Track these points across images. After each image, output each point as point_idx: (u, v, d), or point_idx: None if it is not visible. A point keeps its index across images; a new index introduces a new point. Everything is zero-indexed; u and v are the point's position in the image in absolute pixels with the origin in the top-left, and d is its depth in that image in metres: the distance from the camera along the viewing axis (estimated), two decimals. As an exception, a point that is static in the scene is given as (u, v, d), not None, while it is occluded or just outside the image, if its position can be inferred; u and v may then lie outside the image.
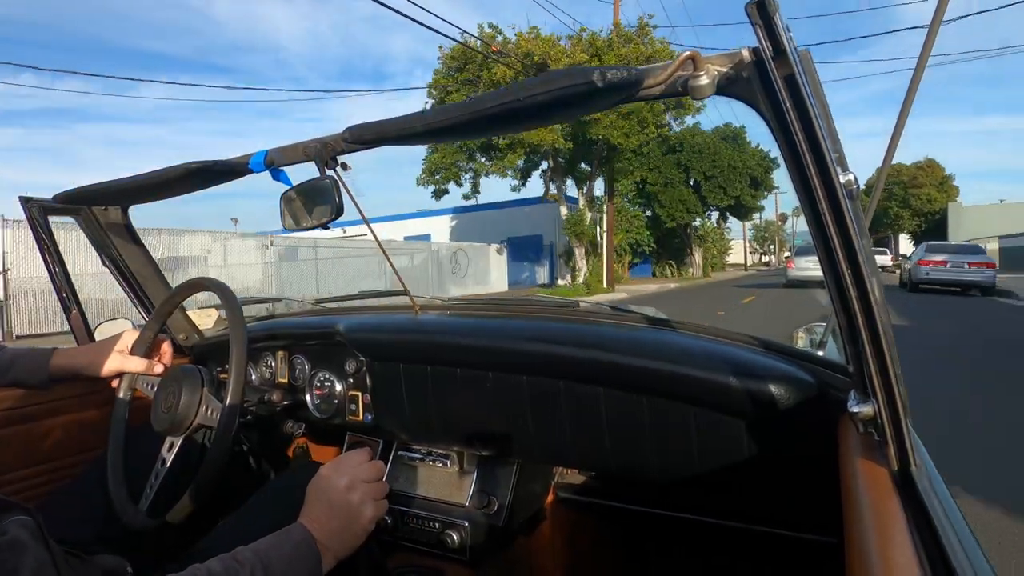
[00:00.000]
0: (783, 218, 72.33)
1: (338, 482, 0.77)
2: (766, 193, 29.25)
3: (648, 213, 27.01)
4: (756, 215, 32.53)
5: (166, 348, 1.18)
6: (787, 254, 23.40)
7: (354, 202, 1.03)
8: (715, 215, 31.06)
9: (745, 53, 0.51)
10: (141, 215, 1.32)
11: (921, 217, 38.72)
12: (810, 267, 16.16)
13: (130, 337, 1.15)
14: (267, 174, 0.89)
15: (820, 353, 1.04)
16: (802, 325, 1.47)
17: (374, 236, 1.24)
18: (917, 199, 38.24)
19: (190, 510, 0.93)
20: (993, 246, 27.84)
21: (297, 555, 0.69)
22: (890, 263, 28.31)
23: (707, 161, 26.13)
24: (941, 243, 16.85)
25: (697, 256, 29.98)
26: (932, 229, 36.40)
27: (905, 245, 41.89)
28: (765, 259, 73.61)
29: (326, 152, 0.82)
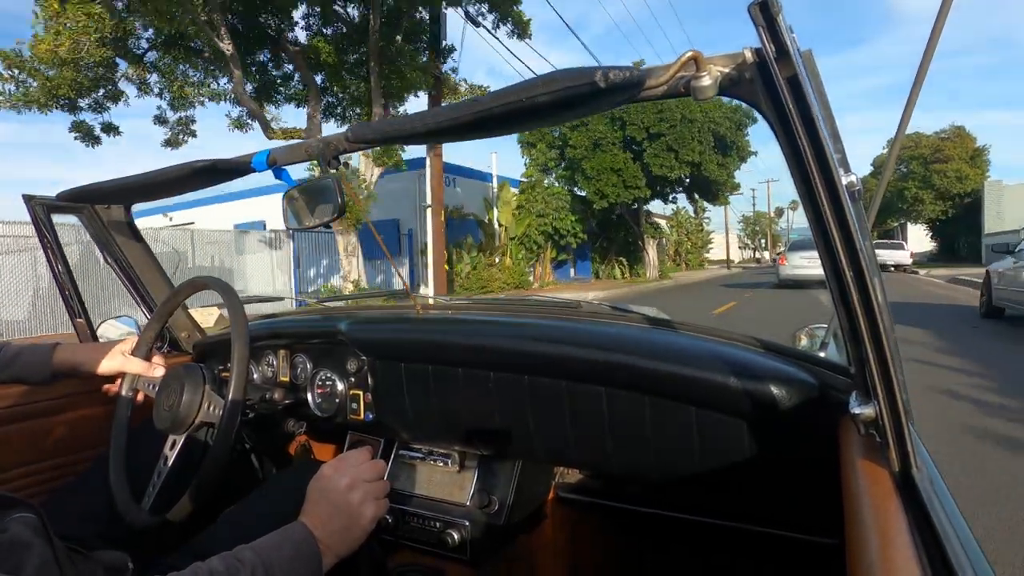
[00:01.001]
0: (779, 212, 67.00)
1: (339, 482, 0.77)
2: (739, 161, 20.88)
3: (579, 191, 19.68)
4: (732, 195, 24.75)
5: (158, 359, 1.17)
6: (780, 249, 18.75)
7: (355, 200, 1.03)
8: (680, 198, 23.69)
9: (748, 54, 0.51)
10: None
11: (948, 200, 29.75)
12: (805, 264, 14.11)
13: (133, 339, 1.16)
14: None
15: (821, 354, 1.04)
16: (803, 326, 1.47)
17: (374, 235, 1.24)
18: (942, 177, 29.05)
19: (191, 508, 0.93)
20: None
21: (298, 555, 0.69)
22: (909, 261, 22.18)
23: (650, 112, 17.87)
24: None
25: (651, 251, 22.55)
26: (963, 216, 28.75)
27: (916, 237, 34.40)
28: (757, 255, 67.11)
29: (328, 151, 0.82)
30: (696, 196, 23.68)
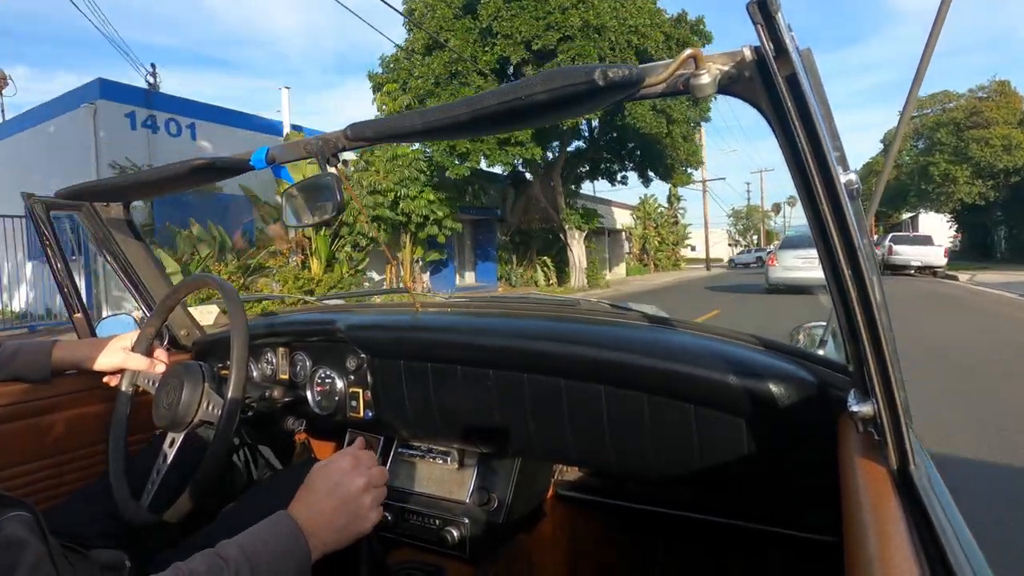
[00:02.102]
0: (776, 208, 61.96)
1: (356, 481, 0.74)
2: (692, 123, 14.89)
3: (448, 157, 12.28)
4: (709, 181, 20.64)
5: (161, 355, 1.18)
6: (771, 248, 15.36)
7: (355, 200, 1.03)
8: (643, 181, 16.56)
9: (747, 52, 0.51)
10: None
11: (989, 179, 22.10)
12: (800, 265, 11.54)
13: (132, 335, 1.16)
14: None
15: (820, 352, 1.04)
16: (802, 323, 1.47)
17: (375, 233, 1.24)
18: (983, 148, 21.45)
19: (190, 506, 0.93)
20: None
21: (285, 549, 0.66)
22: (942, 261, 17.08)
23: (529, 18, 11.61)
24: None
25: (577, 248, 15.62)
26: (1009, 200, 22.03)
27: (931, 229, 24.91)
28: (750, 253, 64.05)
29: (327, 149, 0.82)
30: (650, 173, 16.13)
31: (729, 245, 60.42)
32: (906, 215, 34.04)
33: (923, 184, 24.87)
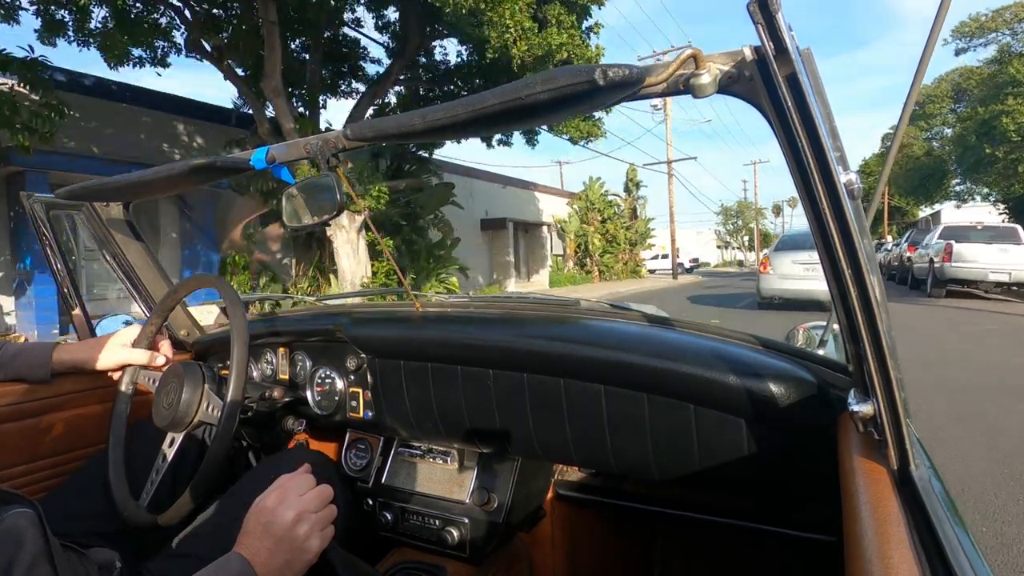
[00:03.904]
0: (776, 210, 54.49)
1: (285, 515, 0.72)
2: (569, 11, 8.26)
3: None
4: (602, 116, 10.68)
5: (165, 345, 1.18)
6: (765, 251, 10.74)
7: (355, 199, 1.03)
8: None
9: (747, 52, 0.51)
10: None
11: None
12: (800, 273, 8.68)
13: (132, 332, 1.16)
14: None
15: (820, 352, 1.04)
16: (802, 324, 1.47)
17: (375, 233, 1.24)
18: None
19: (190, 507, 0.93)
20: None
21: None
22: None
23: None
24: None
25: (345, 253, 8.98)
26: None
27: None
28: (739, 257, 54.80)
29: (327, 149, 0.82)
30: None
31: (718, 247, 54.99)
32: (926, 211, 26.95)
33: (983, 149, 16.58)
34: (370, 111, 10.19)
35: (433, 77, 11.49)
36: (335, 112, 33.65)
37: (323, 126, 10.05)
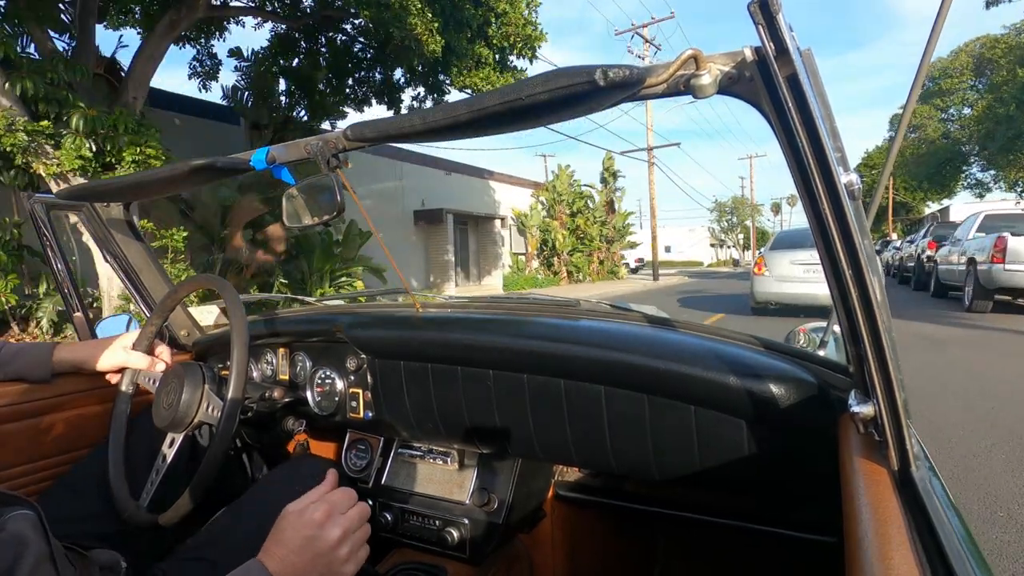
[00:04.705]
0: (776, 208, 53.06)
1: (331, 533, 0.67)
2: None
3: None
4: (522, 60, 8.85)
5: (164, 352, 1.18)
6: (761, 250, 9.31)
7: (355, 200, 1.04)
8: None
9: (747, 52, 0.51)
10: None
11: None
12: (799, 275, 7.75)
13: (132, 334, 1.16)
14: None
15: (820, 353, 1.04)
16: (802, 325, 1.47)
17: (374, 232, 1.24)
18: None
19: (189, 507, 0.93)
20: None
21: None
22: None
23: None
24: None
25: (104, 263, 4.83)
26: None
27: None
28: (735, 256, 51.11)
29: (328, 150, 0.82)
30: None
31: (712, 245, 50.89)
32: (932, 207, 24.04)
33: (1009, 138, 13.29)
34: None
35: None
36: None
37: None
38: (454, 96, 9.16)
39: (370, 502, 1.21)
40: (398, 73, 9.47)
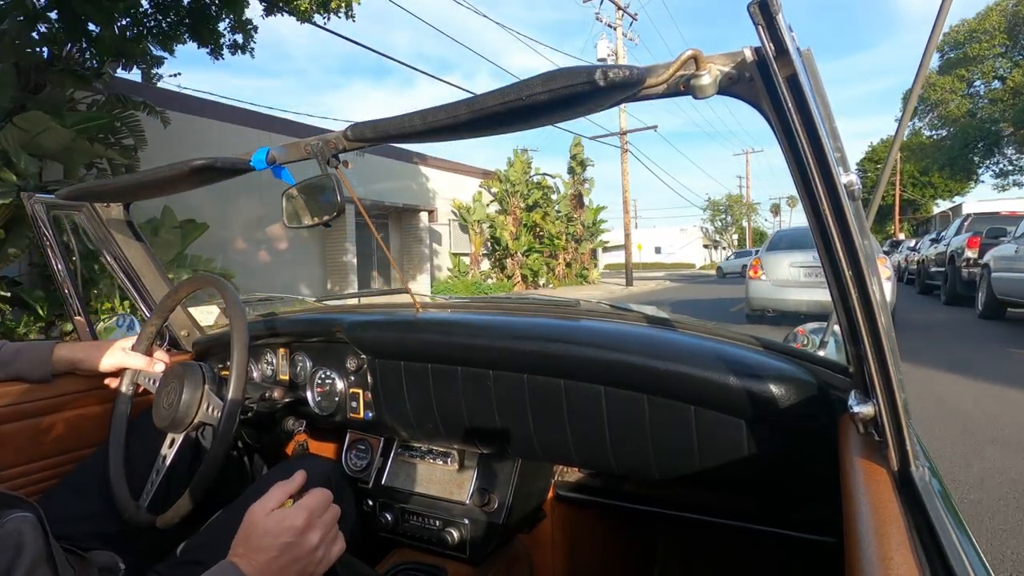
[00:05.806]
0: (775, 209, 49.79)
1: (311, 538, 0.68)
2: None
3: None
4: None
5: (161, 354, 1.18)
6: (757, 251, 8.82)
7: (355, 200, 1.03)
8: None
9: (747, 53, 0.51)
10: None
11: None
12: (799, 278, 6.93)
13: (132, 337, 1.16)
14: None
15: (820, 353, 1.04)
16: (802, 325, 1.47)
17: (374, 233, 1.24)
18: None
19: (189, 508, 0.93)
20: None
21: None
22: None
23: None
24: None
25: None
26: None
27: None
28: (719, 263, 45.57)
29: (328, 150, 0.82)
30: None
31: (705, 246, 47.36)
32: (941, 205, 21.06)
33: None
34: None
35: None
36: None
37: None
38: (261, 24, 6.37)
39: (370, 502, 1.21)
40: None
